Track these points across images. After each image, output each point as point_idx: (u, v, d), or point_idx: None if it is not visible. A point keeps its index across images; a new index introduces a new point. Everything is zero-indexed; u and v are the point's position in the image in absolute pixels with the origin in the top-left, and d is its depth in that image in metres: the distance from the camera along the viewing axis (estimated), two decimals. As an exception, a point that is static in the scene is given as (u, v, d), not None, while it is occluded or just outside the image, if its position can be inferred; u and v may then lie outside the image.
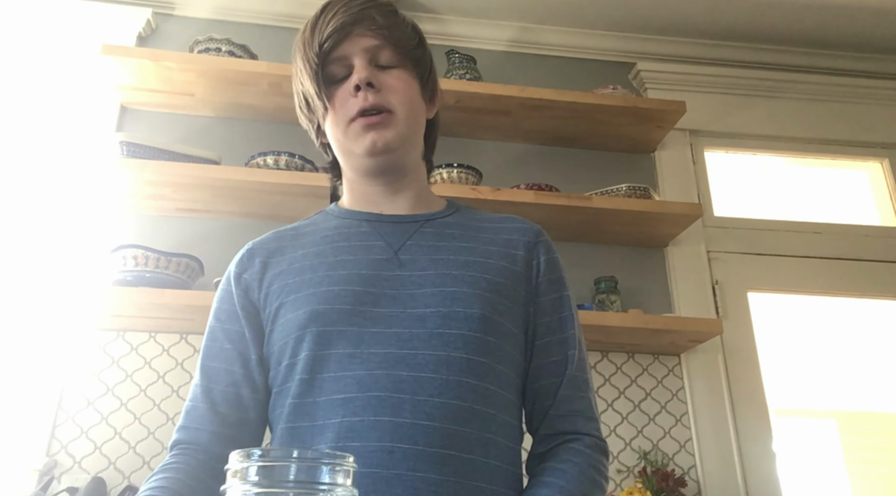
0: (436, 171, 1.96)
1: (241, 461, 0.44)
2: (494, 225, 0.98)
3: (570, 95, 2.06)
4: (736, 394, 2.00)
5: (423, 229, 0.95)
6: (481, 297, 0.86)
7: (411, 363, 0.81)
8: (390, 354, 0.81)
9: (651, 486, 1.75)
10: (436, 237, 0.94)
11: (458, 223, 0.97)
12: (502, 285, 0.90)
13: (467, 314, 0.84)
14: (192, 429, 0.87)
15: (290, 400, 0.83)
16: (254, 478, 0.43)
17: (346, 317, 0.84)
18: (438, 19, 2.34)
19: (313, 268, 0.89)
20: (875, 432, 4.74)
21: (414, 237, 0.93)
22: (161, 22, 2.23)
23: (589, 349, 1.98)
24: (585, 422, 0.90)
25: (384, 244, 0.92)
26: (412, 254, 0.91)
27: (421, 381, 0.80)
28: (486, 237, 0.95)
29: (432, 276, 0.88)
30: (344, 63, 0.93)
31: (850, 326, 3.97)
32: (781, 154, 2.43)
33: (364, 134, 0.91)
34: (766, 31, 2.40)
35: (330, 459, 0.45)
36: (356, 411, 0.78)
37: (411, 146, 0.96)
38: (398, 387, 0.79)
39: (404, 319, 0.84)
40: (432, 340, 0.82)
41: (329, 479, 0.44)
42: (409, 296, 0.86)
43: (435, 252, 0.91)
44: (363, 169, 0.95)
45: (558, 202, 1.91)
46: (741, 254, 2.20)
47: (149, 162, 1.76)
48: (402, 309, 0.85)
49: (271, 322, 0.89)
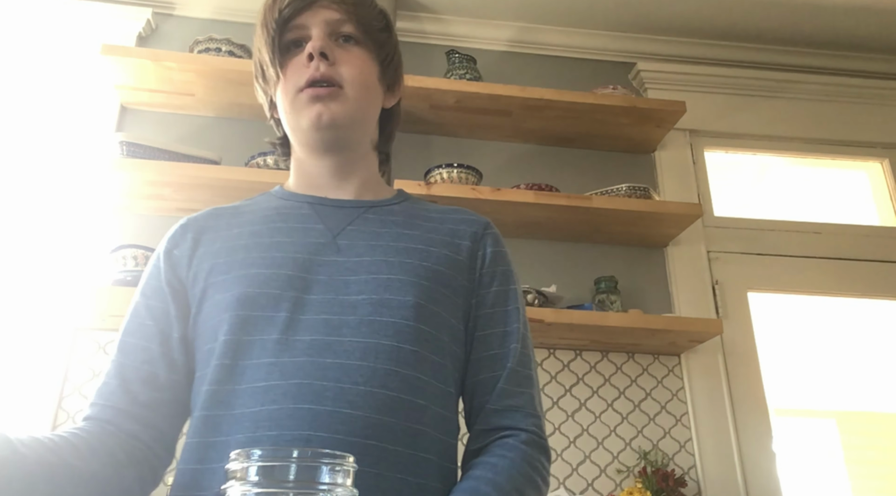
0: (436, 170, 1.96)
1: (241, 461, 0.44)
2: (441, 216, 0.96)
3: (570, 95, 2.06)
4: (736, 394, 2.00)
5: (366, 215, 0.92)
6: (417, 285, 0.83)
7: (338, 350, 0.78)
8: (317, 341, 0.78)
9: (651, 486, 1.75)
10: (377, 224, 0.90)
11: (403, 211, 0.94)
12: (442, 274, 0.87)
13: (400, 302, 0.82)
14: (100, 406, 0.82)
15: (208, 386, 0.79)
16: (254, 478, 0.43)
17: (274, 302, 0.80)
18: (438, 19, 2.34)
19: (246, 248, 0.86)
20: (875, 432, 4.74)
21: (355, 223, 0.90)
22: (161, 22, 2.23)
23: (589, 349, 1.99)
24: (524, 418, 0.85)
25: (323, 228, 0.89)
26: (351, 239, 0.88)
27: (346, 369, 0.76)
28: (429, 226, 0.92)
29: (368, 263, 0.85)
30: (302, 33, 0.90)
31: (850, 326, 3.97)
32: (781, 154, 2.43)
33: (310, 105, 0.87)
34: (766, 31, 2.40)
35: (330, 459, 0.45)
36: (276, 399, 0.74)
37: (360, 128, 0.93)
38: (322, 374, 0.76)
39: (335, 306, 0.81)
40: (362, 328, 0.79)
41: (329, 479, 0.44)
42: (343, 282, 0.83)
43: (374, 238, 0.88)
44: (308, 144, 0.92)
45: (558, 202, 1.91)
46: (741, 254, 2.20)
47: (149, 162, 1.76)
48: (333, 295, 0.82)
49: (198, 302, 0.85)
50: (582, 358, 1.98)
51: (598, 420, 1.92)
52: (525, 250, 2.09)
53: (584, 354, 1.99)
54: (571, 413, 1.92)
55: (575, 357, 1.98)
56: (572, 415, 1.92)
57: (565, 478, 1.85)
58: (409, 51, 2.31)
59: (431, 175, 1.96)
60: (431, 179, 1.96)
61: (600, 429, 1.91)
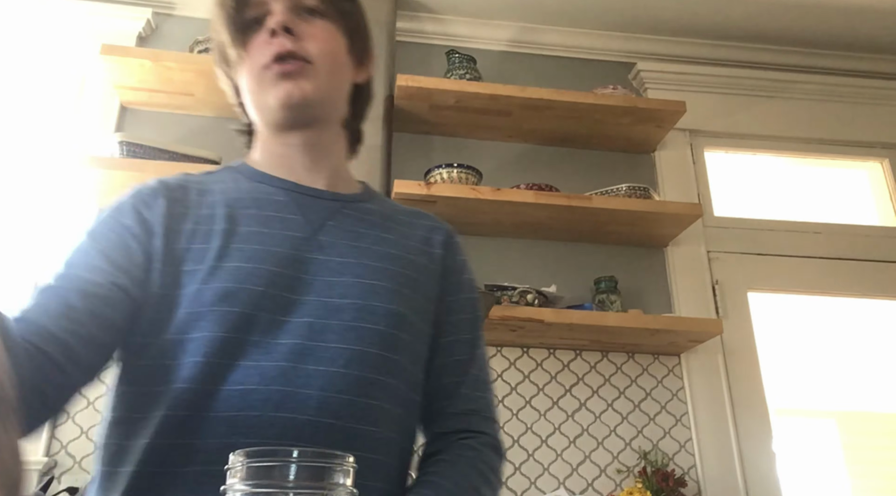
0: (436, 170, 1.96)
1: (241, 461, 0.44)
2: (410, 219, 0.94)
3: (570, 95, 2.06)
4: (736, 394, 2.00)
5: (344, 211, 0.87)
6: (399, 293, 0.82)
7: (321, 357, 0.74)
8: (299, 346, 0.74)
9: (651, 486, 1.75)
10: (357, 222, 0.87)
11: (378, 211, 0.91)
12: (419, 282, 0.86)
13: (386, 309, 0.79)
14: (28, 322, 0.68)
15: (182, 385, 0.71)
16: (254, 478, 0.43)
17: (256, 300, 0.74)
18: (438, 19, 2.34)
19: (223, 235, 0.78)
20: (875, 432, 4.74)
21: (335, 218, 0.86)
22: (161, 22, 2.23)
23: (589, 349, 1.99)
24: (481, 421, 0.86)
25: (302, 220, 0.84)
26: (332, 236, 0.83)
27: (330, 377, 0.73)
28: (403, 230, 0.90)
29: (352, 265, 0.81)
30: (262, 9, 0.85)
31: (850, 326, 3.97)
32: (781, 154, 2.43)
33: (278, 82, 0.82)
34: (766, 31, 2.40)
35: (330, 459, 0.45)
36: (254, 405, 0.70)
37: (331, 104, 0.89)
38: (305, 382, 0.72)
39: (319, 309, 0.77)
40: (347, 334, 0.76)
41: (329, 479, 0.44)
42: (327, 284, 0.79)
43: (355, 239, 0.85)
44: (276, 123, 0.86)
45: (558, 202, 1.91)
46: (741, 254, 2.20)
47: (148, 162, 1.76)
48: (317, 297, 0.77)
49: (168, 285, 0.75)
50: (582, 358, 1.98)
51: (598, 420, 1.92)
52: (525, 250, 2.09)
53: (584, 354, 1.99)
54: (571, 413, 1.92)
55: (575, 357, 1.98)
56: (572, 415, 1.92)
57: (565, 478, 1.85)
58: (409, 51, 2.31)
59: (431, 175, 1.96)
60: (431, 179, 1.96)
61: (600, 429, 1.91)
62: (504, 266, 2.05)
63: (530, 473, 1.84)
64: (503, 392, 1.92)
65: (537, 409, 1.91)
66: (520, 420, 1.89)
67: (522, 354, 1.96)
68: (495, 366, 1.94)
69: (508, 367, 1.94)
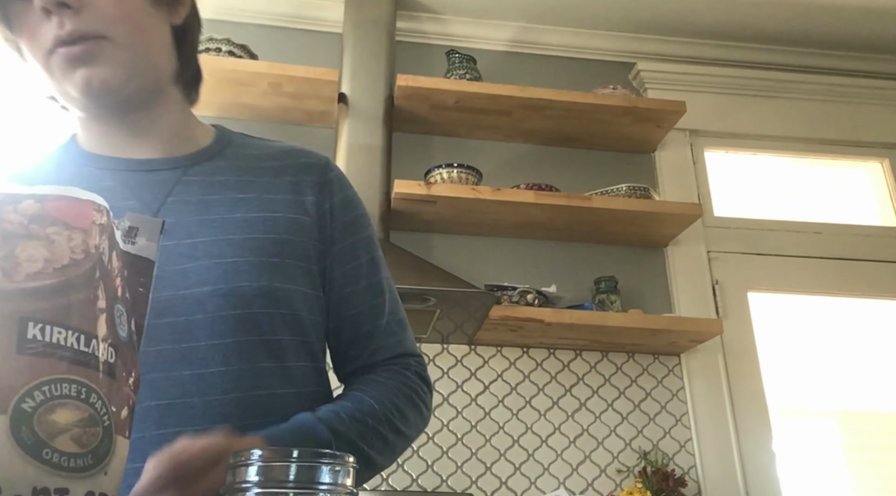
0: (436, 170, 1.96)
1: (241, 461, 0.44)
2: (276, 163, 0.81)
3: (570, 95, 2.06)
4: (736, 394, 2.00)
5: (188, 178, 0.75)
6: (268, 265, 0.72)
7: (193, 359, 0.66)
8: (166, 351, 0.66)
9: (651, 486, 1.75)
10: (204, 188, 0.75)
11: (232, 166, 0.78)
12: (293, 244, 0.75)
13: (255, 288, 0.70)
14: None
15: None
16: (254, 478, 0.43)
17: None
18: (438, 19, 2.34)
19: None
20: (875, 432, 4.74)
21: (175, 191, 0.74)
22: (161, 22, 2.23)
23: (589, 349, 1.99)
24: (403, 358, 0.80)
25: (137, 204, 0.72)
26: (176, 215, 0.72)
27: (209, 378, 0.66)
28: (266, 182, 0.78)
29: (206, 245, 0.71)
30: None
31: (850, 326, 3.96)
32: (781, 154, 2.43)
33: (71, 70, 0.69)
34: (765, 31, 2.40)
35: (330, 459, 0.45)
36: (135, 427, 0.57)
37: (146, 75, 0.74)
38: (183, 390, 0.65)
39: (177, 305, 0.67)
40: (216, 326, 0.68)
41: (329, 479, 0.44)
42: (180, 273, 0.69)
43: (205, 210, 0.73)
44: (88, 110, 0.75)
45: (558, 202, 1.91)
46: (741, 254, 2.20)
47: (149, 162, 1.76)
48: (172, 291, 0.68)
49: None
50: (582, 358, 1.98)
51: (598, 420, 1.92)
52: (525, 250, 2.09)
53: (585, 354, 1.99)
54: (571, 413, 1.92)
55: (575, 357, 1.98)
56: (572, 415, 1.92)
57: (565, 478, 1.85)
58: (409, 51, 2.31)
59: (431, 175, 1.96)
60: (431, 179, 1.96)
61: (600, 429, 1.91)
62: (504, 266, 2.05)
63: (530, 473, 1.84)
64: (503, 392, 1.92)
65: (537, 409, 1.91)
66: (520, 420, 1.89)
67: (522, 354, 1.96)
68: (495, 366, 1.94)
69: (508, 367, 1.94)
